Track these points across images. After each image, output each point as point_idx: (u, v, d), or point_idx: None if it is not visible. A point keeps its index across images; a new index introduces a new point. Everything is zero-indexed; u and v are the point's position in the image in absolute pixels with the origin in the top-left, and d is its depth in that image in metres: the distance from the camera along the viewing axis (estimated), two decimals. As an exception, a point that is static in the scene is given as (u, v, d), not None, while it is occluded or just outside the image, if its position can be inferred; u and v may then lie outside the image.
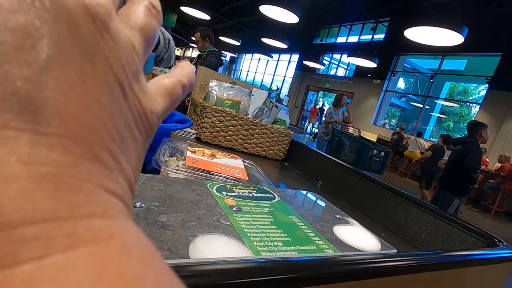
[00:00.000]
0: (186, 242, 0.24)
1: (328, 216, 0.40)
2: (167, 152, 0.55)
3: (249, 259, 0.24)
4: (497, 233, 2.03)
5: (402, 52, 9.15)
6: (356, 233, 0.37)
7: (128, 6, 0.13)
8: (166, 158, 0.50)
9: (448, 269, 0.37)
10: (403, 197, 0.73)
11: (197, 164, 0.49)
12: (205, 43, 2.93)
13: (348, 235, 0.35)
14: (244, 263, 0.22)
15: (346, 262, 0.27)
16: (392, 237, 0.71)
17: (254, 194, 0.39)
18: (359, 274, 0.27)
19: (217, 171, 0.49)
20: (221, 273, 0.20)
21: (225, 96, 1.04)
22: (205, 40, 2.92)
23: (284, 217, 0.34)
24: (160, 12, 0.14)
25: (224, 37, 9.64)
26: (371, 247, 0.35)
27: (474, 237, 0.58)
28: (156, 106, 0.12)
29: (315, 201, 0.47)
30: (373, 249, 0.35)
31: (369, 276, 0.28)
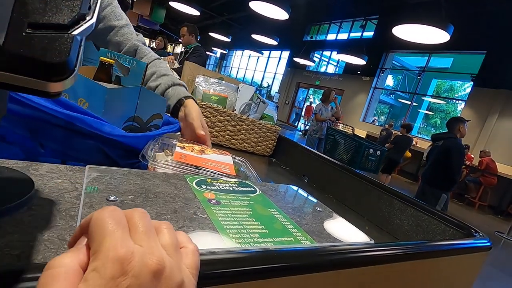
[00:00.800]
0: (160, 235, 0.24)
1: (309, 209, 0.40)
2: (156, 148, 0.55)
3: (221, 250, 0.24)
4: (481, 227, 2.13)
5: (391, 49, 9.28)
6: (335, 225, 0.37)
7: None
8: (153, 153, 0.50)
9: (424, 259, 0.38)
10: (386, 190, 0.74)
11: (185, 159, 0.48)
12: (191, 38, 2.93)
13: (327, 227, 0.36)
14: (217, 254, 0.22)
15: (321, 252, 0.27)
16: (375, 230, 0.72)
17: (235, 187, 0.39)
18: (333, 265, 0.27)
19: (205, 166, 0.49)
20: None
21: (212, 92, 1.03)
22: (191, 35, 2.92)
23: (264, 210, 0.35)
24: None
25: (214, 33, 9.55)
26: (350, 239, 0.35)
27: (453, 228, 0.59)
28: None
29: (297, 194, 0.47)
30: (352, 240, 0.35)
31: (344, 266, 0.29)
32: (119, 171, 0.34)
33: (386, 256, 0.32)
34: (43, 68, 0.15)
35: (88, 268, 0.14)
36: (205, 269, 0.21)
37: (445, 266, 0.46)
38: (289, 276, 0.25)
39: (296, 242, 0.30)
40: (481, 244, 0.50)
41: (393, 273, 0.35)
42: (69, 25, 0.15)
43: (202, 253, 0.22)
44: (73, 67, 0.16)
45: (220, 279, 0.21)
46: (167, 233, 0.18)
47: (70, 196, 0.27)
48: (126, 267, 0.14)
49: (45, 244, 0.19)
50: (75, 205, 0.26)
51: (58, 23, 0.15)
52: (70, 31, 0.16)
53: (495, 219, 5.81)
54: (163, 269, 0.15)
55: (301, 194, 0.47)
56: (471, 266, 0.52)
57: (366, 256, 0.30)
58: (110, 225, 0.15)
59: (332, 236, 0.34)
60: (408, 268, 0.37)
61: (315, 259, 0.26)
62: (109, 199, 0.27)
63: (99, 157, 0.43)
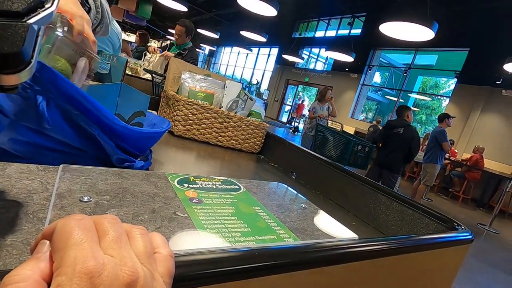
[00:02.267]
0: (135, 236, 0.23)
1: (294, 206, 0.40)
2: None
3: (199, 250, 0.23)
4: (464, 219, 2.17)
5: (378, 46, 9.40)
6: (320, 222, 0.37)
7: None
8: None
9: (408, 253, 0.39)
10: (372, 186, 0.75)
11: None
12: (186, 39, 2.84)
13: (312, 224, 0.35)
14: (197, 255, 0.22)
15: (303, 250, 0.26)
16: (361, 225, 0.73)
17: (218, 185, 0.39)
18: (316, 262, 0.27)
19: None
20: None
21: (198, 89, 1.01)
22: (188, 36, 2.83)
23: (247, 208, 0.34)
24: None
25: (202, 29, 9.44)
26: (334, 235, 0.35)
27: (436, 222, 0.60)
28: None
29: (283, 191, 0.46)
30: (336, 236, 0.35)
31: (327, 263, 0.28)
32: (95, 170, 0.32)
33: (369, 252, 0.32)
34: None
35: (52, 284, 0.13)
36: (182, 271, 0.20)
37: (429, 259, 0.46)
38: (270, 275, 0.25)
39: (279, 240, 0.29)
40: (463, 237, 0.51)
41: (377, 268, 0.35)
42: (24, 12, 0.14)
43: (179, 254, 0.21)
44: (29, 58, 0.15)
45: (198, 280, 0.20)
46: (140, 239, 0.17)
47: (39, 197, 0.25)
48: (96, 281, 0.13)
49: (7, 250, 0.18)
50: (45, 207, 0.24)
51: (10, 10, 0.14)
52: (25, 19, 0.14)
53: (477, 211, 6.00)
54: (136, 281, 0.14)
55: (287, 191, 0.47)
56: (454, 258, 0.53)
57: (349, 252, 0.30)
58: (76, 235, 0.14)
59: (317, 232, 0.33)
60: (392, 263, 0.38)
61: (297, 257, 0.26)
62: (82, 199, 0.26)
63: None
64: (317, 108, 4.55)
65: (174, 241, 0.24)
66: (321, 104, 4.58)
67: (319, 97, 4.68)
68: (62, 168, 0.31)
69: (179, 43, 2.82)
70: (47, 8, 0.15)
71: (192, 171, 0.76)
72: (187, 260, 0.21)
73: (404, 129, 3.33)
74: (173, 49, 2.87)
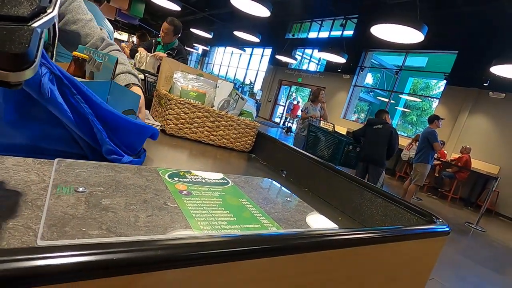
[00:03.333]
0: (127, 223, 0.25)
1: (280, 199, 0.42)
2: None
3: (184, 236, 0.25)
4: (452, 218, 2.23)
5: (370, 48, 9.53)
6: (303, 213, 0.39)
7: None
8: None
9: (386, 243, 0.41)
10: (358, 183, 0.78)
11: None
12: (174, 38, 2.83)
13: (295, 215, 0.37)
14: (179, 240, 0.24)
15: (285, 237, 0.29)
16: (348, 220, 0.76)
17: (207, 180, 0.40)
18: (297, 248, 0.29)
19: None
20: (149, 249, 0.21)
21: (190, 88, 1.03)
22: (175, 36, 2.82)
23: (234, 200, 0.36)
24: None
25: (196, 29, 9.42)
26: (316, 225, 0.37)
27: (416, 216, 0.64)
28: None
29: (270, 186, 0.49)
30: (318, 227, 0.37)
31: (308, 250, 0.31)
32: (89, 164, 0.34)
33: (349, 240, 0.34)
34: (3, 59, 0.16)
35: None
36: (171, 253, 0.22)
37: (408, 249, 0.49)
38: (253, 259, 0.27)
39: (263, 228, 0.31)
40: (440, 229, 0.54)
41: (357, 256, 0.38)
42: (29, 17, 0.16)
43: (169, 238, 0.23)
44: (33, 58, 0.16)
45: (185, 262, 0.22)
46: None
47: (37, 187, 0.27)
48: None
49: (9, 232, 0.20)
50: (42, 196, 0.26)
51: (17, 16, 0.16)
52: (30, 23, 0.16)
53: (465, 210, 6.14)
54: None
55: (274, 186, 0.49)
56: (432, 249, 0.56)
57: (330, 240, 0.32)
58: None
59: (299, 223, 0.35)
60: (371, 251, 0.40)
61: (279, 243, 0.28)
62: (77, 190, 0.28)
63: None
64: (309, 108, 4.59)
65: (165, 228, 0.26)
66: (313, 105, 4.62)
67: (312, 97, 4.72)
68: (57, 161, 0.32)
69: (166, 42, 2.80)
70: (49, 13, 0.17)
71: (183, 169, 0.77)
72: (176, 243, 0.23)
73: (383, 125, 3.55)
74: (159, 48, 2.85)
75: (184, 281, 0.23)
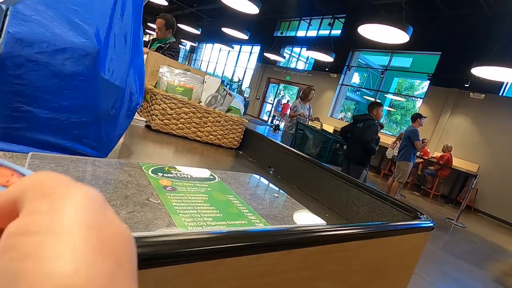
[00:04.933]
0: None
1: (267, 195, 0.41)
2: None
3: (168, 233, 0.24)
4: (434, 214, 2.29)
5: (357, 48, 9.66)
6: (290, 209, 0.39)
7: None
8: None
9: (372, 238, 0.42)
10: (344, 179, 0.78)
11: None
12: (168, 34, 2.79)
13: (283, 211, 0.37)
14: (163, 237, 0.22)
15: (272, 233, 0.28)
16: (334, 216, 0.76)
17: (193, 175, 0.39)
18: (284, 244, 0.29)
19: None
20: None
21: (177, 83, 1.01)
22: (168, 30, 2.78)
23: (221, 196, 0.35)
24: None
25: (183, 24, 9.27)
26: (304, 221, 0.37)
27: (402, 212, 0.65)
28: None
29: (257, 182, 0.48)
30: (306, 222, 0.36)
31: (296, 246, 0.30)
32: (66, 159, 0.32)
33: (335, 236, 0.34)
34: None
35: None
36: (152, 251, 0.21)
37: (393, 245, 0.50)
38: (240, 256, 0.26)
39: (249, 224, 0.31)
40: (425, 225, 0.55)
41: (343, 252, 0.37)
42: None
43: (153, 235, 0.22)
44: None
45: (167, 260, 0.21)
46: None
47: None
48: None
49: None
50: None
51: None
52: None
53: (446, 207, 6.35)
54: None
55: (261, 182, 0.48)
56: (417, 244, 0.57)
57: (316, 236, 0.32)
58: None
59: (287, 219, 0.35)
60: (358, 247, 0.40)
61: (266, 239, 0.27)
62: (52, 185, 0.26)
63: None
64: (298, 106, 4.61)
65: (147, 225, 0.24)
66: (303, 103, 4.64)
67: (302, 96, 4.73)
68: (31, 155, 0.30)
69: (160, 37, 2.78)
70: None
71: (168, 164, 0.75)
72: (159, 240, 0.22)
73: (363, 123, 3.44)
74: (155, 44, 2.82)
75: (165, 280, 0.22)
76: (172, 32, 2.76)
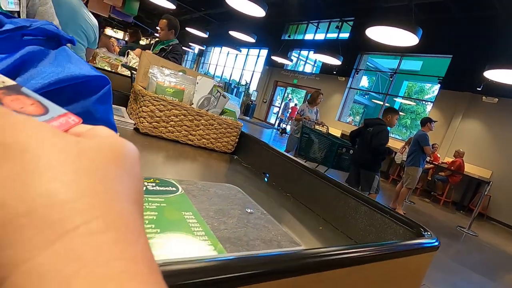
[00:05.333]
0: None
1: (237, 211, 0.35)
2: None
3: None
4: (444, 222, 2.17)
5: (365, 51, 9.54)
6: (261, 229, 0.33)
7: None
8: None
9: (363, 264, 0.35)
10: (343, 189, 0.72)
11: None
12: (170, 35, 2.76)
13: (251, 232, 0.31)
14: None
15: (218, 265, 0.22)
16: (329, 229, 0.69)
17: (150, 187, 0.34)
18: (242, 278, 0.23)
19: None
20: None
21: (167, 84, 0.96)
22: (170, 31, 2.75)
23: (175, 214, 0.29)
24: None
25: (191, 28, 9.34)
26: (274, 244, 0.31)
27: (403, 227, 0.58)
28: None
29: (231, 194, 0.42)
30: (276, 246, 0.30)
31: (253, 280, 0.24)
32: None
33: (312, 265, 0.28)
34: None
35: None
36: None
37: (391, 268, 0.43)
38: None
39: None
40: (429, 244, 0.48)
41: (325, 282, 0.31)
42: None
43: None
44: None
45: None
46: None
47: None
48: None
49: None
50: None
51: None
52: None
53: (457, 214, 6.15)
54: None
55: (235, 194, 0.42)
56: (419, 266, 0.50)
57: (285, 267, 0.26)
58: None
59: (252, 242, 0.29)
60: (343, 274, 0.34)
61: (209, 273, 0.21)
62: None
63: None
64: (305, 110, 4.55)
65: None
66: (310, 107, 4.58)
67: (309, 100, 4.67)
68: None
69: (163, 38, 2.75)
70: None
71: (157, 172, 0.71)
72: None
73: (373, 128, 3.31)
74: (158, 46, 2.79)
75: None
76: (175, 33, 2.73)
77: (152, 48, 2.82)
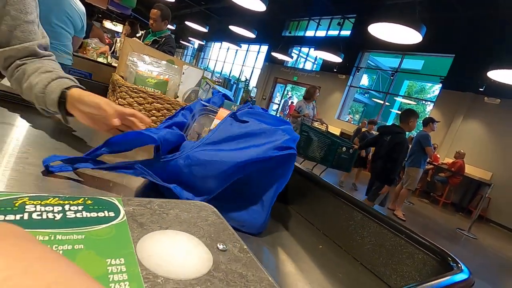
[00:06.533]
0: None
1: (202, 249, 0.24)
2: None
3: None
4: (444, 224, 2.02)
5: (366, 49, 9.41)
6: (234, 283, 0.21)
7: None
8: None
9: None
10: (347, 200, 0.61)
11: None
12: (163, 25, 2.62)
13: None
14: None
15: None
16: (331, 247, 0.59)
17: (71, 214, 0.22)
18: None
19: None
20: None
21: (148, 74, 0.85)
22: (164, 21, 2.61)
23: (96, 262, 0.18)
24: None
25: (191, 22, 9.17)
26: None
27: (423, 252, 0.47)
28: None
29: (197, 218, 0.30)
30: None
31: None
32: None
33: None
34: None
35: None
36: None
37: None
38: None
39: None
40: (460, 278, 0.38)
41: None
42: None
43: None
44: None
45: None
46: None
47: None
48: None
49: None
50: None
51: None
52: None
53: (457, 216, 6.07)
54: None
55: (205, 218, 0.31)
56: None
57: None
58: None
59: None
60: None
61: None
62: None
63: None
64: (303, 106, 4.43)
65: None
66: (307, 103, 4.46)
67: (306, 95, 4.55)
68: None
69: (155, 29, 2.61)
70: None
71: (123, 181, 0.59)
72: None
73: (391, 136, 3.05)
74: (149, 37, 2.66)
75: None
76: (167, 24, 2.60)
77: (143, 39, 2.69)
